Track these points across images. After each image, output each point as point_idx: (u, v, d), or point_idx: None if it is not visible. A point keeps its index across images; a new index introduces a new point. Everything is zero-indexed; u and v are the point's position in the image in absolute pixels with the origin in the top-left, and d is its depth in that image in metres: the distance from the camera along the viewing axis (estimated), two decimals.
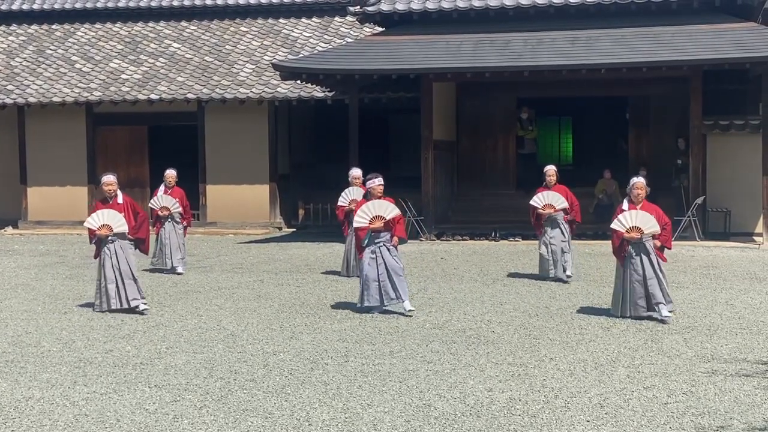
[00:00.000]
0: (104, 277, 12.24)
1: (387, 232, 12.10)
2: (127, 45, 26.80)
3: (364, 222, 12.05)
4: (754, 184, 19.99)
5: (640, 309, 11.38)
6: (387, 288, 11.95)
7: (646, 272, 11.37)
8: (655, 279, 11.36)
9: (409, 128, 23.70)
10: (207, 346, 10.13)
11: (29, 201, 25.55)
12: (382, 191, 12.31)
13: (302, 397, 8.02)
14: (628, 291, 11.43)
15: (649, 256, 11.39)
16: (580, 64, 19.74)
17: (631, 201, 11.59)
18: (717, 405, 7.72)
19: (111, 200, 12.49)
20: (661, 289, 11.35)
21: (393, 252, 12.12)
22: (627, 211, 11.51)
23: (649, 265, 11.39)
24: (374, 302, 11.99)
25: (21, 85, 25.29)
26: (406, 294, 12.04)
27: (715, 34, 20.05)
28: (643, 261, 11.38)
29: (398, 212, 12.13)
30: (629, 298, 11.41)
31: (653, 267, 11.40)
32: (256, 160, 24.52)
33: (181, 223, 16.61)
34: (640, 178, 11.78)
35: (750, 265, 16.58)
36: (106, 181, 12.54)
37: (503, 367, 9.02)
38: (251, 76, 24.61)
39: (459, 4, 21.35)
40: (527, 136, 24.12)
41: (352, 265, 15.28)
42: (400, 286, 11.97)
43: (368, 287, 12.00)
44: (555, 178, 15.00)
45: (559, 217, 14.84)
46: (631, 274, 11.43)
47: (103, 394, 8.18)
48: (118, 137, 25.30)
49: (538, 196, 14.87)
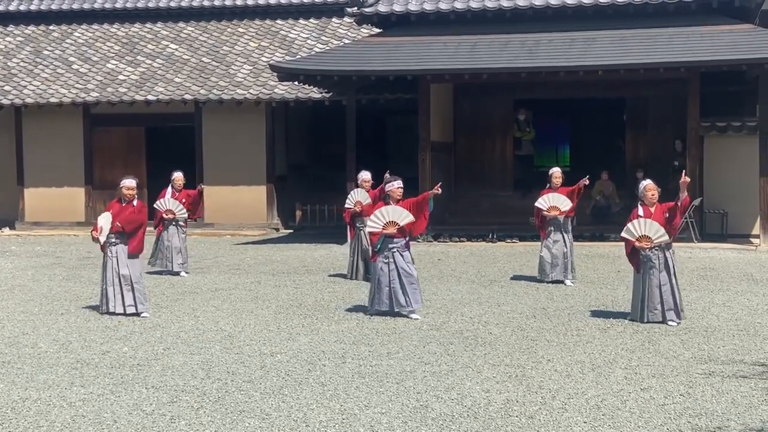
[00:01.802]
0: (105, 280, 12.20)
1: (402, 238, 11.96)
2: (125, 46, 26.79)
3: (378, 227, 11.93)
4: (751, 186, 20.00)
5: (658, 314, 11.29)
6: (398, 295, 11.80)
7: (662, 278, 11.30)
8: (668, 286, 11.29)
9: (407, 129, 23.70)
10: (204, 347, 10.12)
11: (26, 202, 25.52)
12: (401, 194, 12.11)
13: (299, 399, 8.02)
14: (647, 296, 11.29)
15: (666, 262, 11.33)
16: (577, 65, 19.76)
17: (645, 204, 11.46)
18: (714, 406, 7.72)
19: (125, 204, 12.31)
20: (673, 296, 11.27)
21: (407, 258, 11.96)
22: (637, 218, 11.39)
23: (665, 271, 11.31)
24: (384, 308, 11.86)
25: (18, 85, 25.27)
26: (418, 302, 11.89)
27: (713, 35, 20.06)
28: (660, 267, 11.30)
29: (412, 219, 11.95)
30: (648, 303, 11.28)
31: (668, 274, 11.33)
32: (253, 161, 24.51)
33: (190, 218, 16.82)
34: (648, 180, 11.64)
35: (747, 266, 16.59)
36: (128, 185, 12.35)
37: (500, 369, 9.02)
38: (249, 77, 24.61)
39: (456, 5, 21.36)
40: (524, 138, 24.13)
41: (355, 268, 15.26)
42: (411, 294, 11.81)
43: (379, 292, 11.88)
44: (560, 181, 14.93)
45: (562, 220, 14.80)
46: (650, 279, 11.31)
47: (100, 395, 8.17)
48: (116, 138, 25.28)
49: (543, 198, 14.77)
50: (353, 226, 15.46)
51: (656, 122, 22.97)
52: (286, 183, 25.29)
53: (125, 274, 12.15)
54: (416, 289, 11.95)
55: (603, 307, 12.43)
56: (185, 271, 16.16)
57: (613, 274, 15.69)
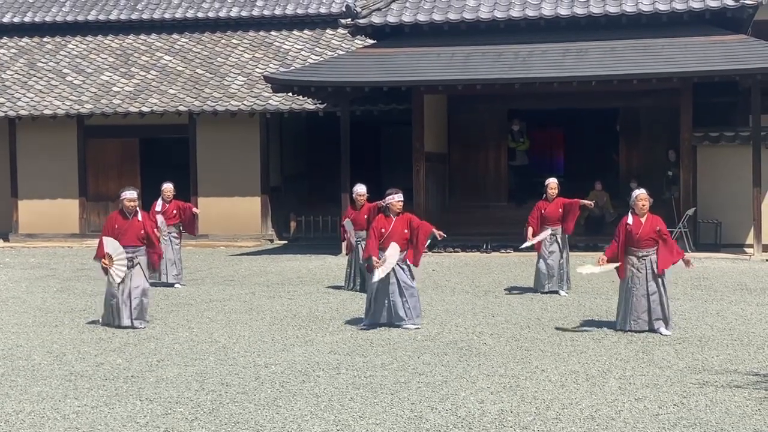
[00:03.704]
0: (116, 293, 11.99)
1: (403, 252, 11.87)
2: (119, 57, 26.80)
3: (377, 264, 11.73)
4: (744, 196, 20.05)
5: (642, 323, 11.32)
6: (397, 308, 11.74)
7: (650, 287, 11.31)
8: (657, 295, 11.30)
9: (401, 140, 23.72)
10: (198, 358, 10.11)
11: (20, 214, 25.49)
12: (401, 208, 12.02)
13: (294, 410, 8.01)
14: (631, 305, 11.32)
15: (654, 271, 11.34)
16: (571, 76, 19.81)
17: (635, 213, 11.48)
18: (708, 416, 7.73)
19: (131, 217, 12.21)
20: (662, 306, 11.29)
21: (407, 270, 11.91)
22: (625, 227, 11.39)
23: (653, 280, 11.32)
24: (382, 320, 11.79)
25: (12, 97, 25.27)
26: (417, 314, 11.82)
27: (705, 46, 20.14)
28: (648, 276, 11.32)
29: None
30: (631, 312, 11.31)
31: (656, 283, 11.34)
32: (247, 172, 24.52)
33: (185, 230, 16.87)
34: (642, 189, 11.62)
35: (741, 276, 16.62)
36: (129, 197, 12.19)
37: (495, 379, 9.03)
38: (243, 88, 24.63)
39: (450, 16, 21.42)
40: (519, 148, 24.16)
41: (352, 278, 15.27)
42: (412, 306, 11.76)
43: (376, 304, 11.80)
44: (556, 191, 14.96)
45: (558, 231, 14.83)
46: (636, 288, 11.33)
47: (94, 408, 8.16)
48: (110, 150, 25.27)
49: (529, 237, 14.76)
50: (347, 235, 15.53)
51: (649, 132, 23.02)
52: (281, 194, 25.30)
53: (145, 288, 12.06)
54: (417, 301, 11.91)
55: (597, 317, 12.44)
56: (180, 283, 16.14)
57: (607, 284, 15.70)
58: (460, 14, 21.43)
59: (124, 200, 12.23)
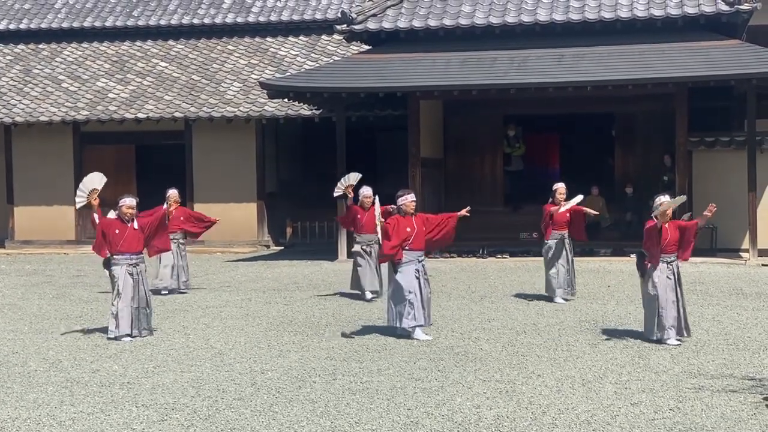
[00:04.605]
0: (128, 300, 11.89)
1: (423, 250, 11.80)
2: (114, 64, 26.80)
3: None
4: (740, 201, 20.06)
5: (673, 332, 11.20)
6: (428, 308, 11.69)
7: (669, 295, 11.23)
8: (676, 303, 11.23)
9: (397, 146, 23.72)
10: (194, 365, 10.11)
11: (16, 220, 25.47)
12: (414, 208, 11.92)
13: (290, 416, 8.01)
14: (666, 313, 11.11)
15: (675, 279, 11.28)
16: (566, 81, 19.83)
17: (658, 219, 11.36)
18: (704, 421, 7.74)
19: (128, 223, 12.18)
20: (678, 314, 11.22)
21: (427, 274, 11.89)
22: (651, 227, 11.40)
23: (672, 288, 11.25)
24: (420, 322, 11.55)
25: (8, 104, 25.26)
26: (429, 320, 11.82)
27: (700, 51, 20.17)
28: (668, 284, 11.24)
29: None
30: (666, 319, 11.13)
31: (675, 291, 11.27)
32: (243, 178, 24.52)
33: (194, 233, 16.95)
34: (666, 196, 11.58)
35: (736, 281, 16.64)
36: (129, 204, 12.23)
37: (491, 384, 9.03)
38: (238, 94, 24.64)
39: (446, 22, 21.44)
40: (514, 153, 24.19)
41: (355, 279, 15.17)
42: (429, 311, 11.75)
43: (413, 305, 11.49)
44: (564, 196, 14.95)
45: (565, 236, 14.81)
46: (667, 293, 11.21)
47: (90, 414, 8.16)
48: (106, 156, 25.20)
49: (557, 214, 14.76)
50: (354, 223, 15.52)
51: (645, 137, 23.05)
52: (277, 200, 25.30)
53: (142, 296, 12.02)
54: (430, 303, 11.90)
55: (593, 322, 12.45)
56: (180, 290, 16.10)
57: (603, 289, 15.73)
58: (456, 20, 21.45)
59: (122, 207, 12.27)
